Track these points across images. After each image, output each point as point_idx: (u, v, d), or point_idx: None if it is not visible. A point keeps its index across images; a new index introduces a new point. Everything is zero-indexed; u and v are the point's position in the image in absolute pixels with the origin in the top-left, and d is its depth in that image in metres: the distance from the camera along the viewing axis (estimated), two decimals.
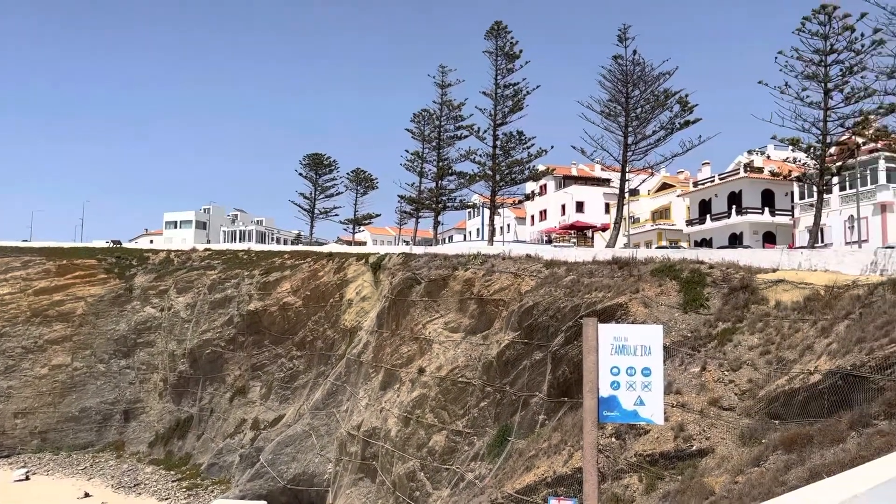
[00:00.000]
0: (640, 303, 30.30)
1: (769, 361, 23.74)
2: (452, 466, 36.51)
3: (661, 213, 71.34)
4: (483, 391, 37.08)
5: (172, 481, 65.03)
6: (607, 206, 76.59)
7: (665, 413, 24.18)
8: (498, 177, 57.44)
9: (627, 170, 49.38)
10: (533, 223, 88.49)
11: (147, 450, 73.90)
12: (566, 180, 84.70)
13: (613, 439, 24.82)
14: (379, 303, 54.23)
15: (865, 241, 41.72)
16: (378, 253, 63.63)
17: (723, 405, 23.62)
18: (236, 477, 58.18)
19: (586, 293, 33.93)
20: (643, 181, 56.25)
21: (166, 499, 61.01)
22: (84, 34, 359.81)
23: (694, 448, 22.66)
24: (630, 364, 6.06)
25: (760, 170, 54.51)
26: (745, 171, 57.68)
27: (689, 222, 63.56)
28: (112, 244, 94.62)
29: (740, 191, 57.27)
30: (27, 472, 69.70)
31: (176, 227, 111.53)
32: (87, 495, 62.52)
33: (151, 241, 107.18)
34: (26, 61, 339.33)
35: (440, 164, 66.67)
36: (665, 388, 25.47)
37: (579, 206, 79.69)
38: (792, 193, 53.33)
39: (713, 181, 61.65)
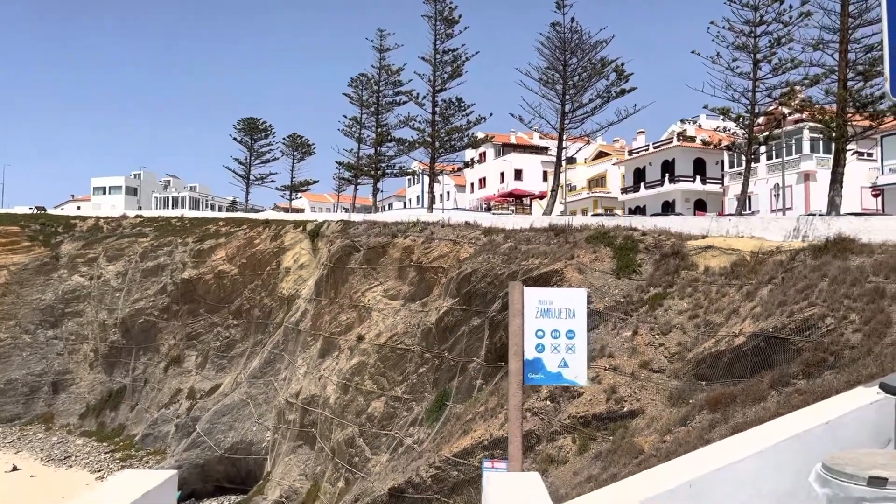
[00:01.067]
0: (575, 269, 30.87)
1: (697, 325, 24.61)
2: (391, 432, 36.80)
3: (597, 182, 72.46)
4: (422, 357, 37.34)
5: (105, 453, 63.59)
6: (545, 173, 77.31)
7: (598, 376, 24.90)
8: (437, 144, 57.21)
9: (564, 138, 49.82)
10: (472, 191, 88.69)
11: (78, 422, 71.91)
12: (505, 148, 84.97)
13: (548, 402, 25.42)
14: (317, 270, 53.75)
15: (790, 208, 43.38)
16: (316, 220, 62.83)
17: (653, 368, 24.41)
18: (172, 447, 57.31)
19: (523, 260, 34.34)
20: (580, 149, 56.96)
21: (99, 471, 59.69)
22: None
23: (625, 409, 23.42)
24: (555, 327, 6.21)
25: (693, 139, 55.85)
26: (678, 140, 58.99)
27: (624, 190, 64.78)
28: (36, 210, 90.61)
29: (673, 159, 58.58)
30: None
31: (105, 193, 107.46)
32: (15, 469, 60.59)
33: (79, 208, 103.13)
34: None
35: (379, 129, 65.90)
36: (598, 352, 26.17)
37: (518, 174, 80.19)
38: (722, 162, 54.87)
39: (647, 150, 62.84)
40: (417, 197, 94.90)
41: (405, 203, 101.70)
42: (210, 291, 67.60)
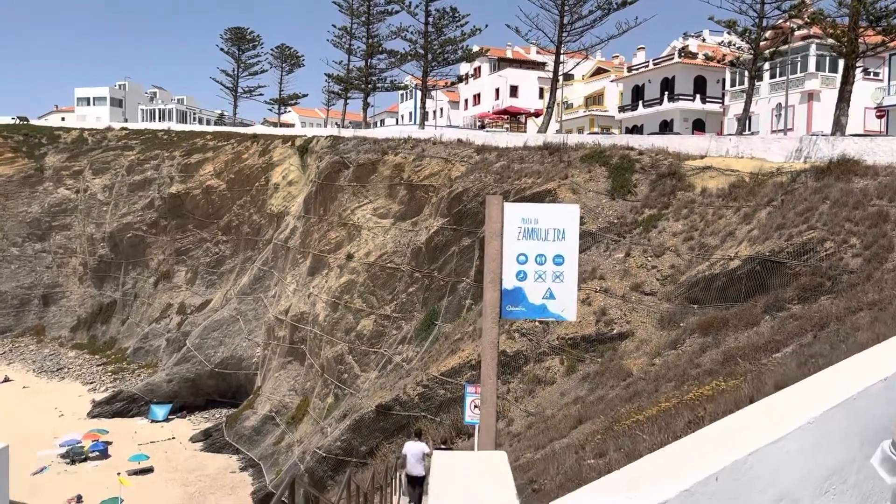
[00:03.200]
0: (569, 189, 30.06)
1: (692, 248, 24.04)
2: (380, 350, 36.76)
3: (595, 99, 70.54)
4: (411, 277, 36.92)
5: (97, 365, 64.04)
6: (542, 90, 75.18)
7: (588, 298, 24.43)
8: (430, 56, 55.09)
9: (562, 52, 47.95)
10: (467, 107, 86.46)
11: (69, 334, 72.13)
12: (501, 63, 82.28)
13: (537, 323, 25.09)
14: (306, 187, 52.70)
15: (791, 129, 42.20)
16: (305, 135, 61.26)
17: (645, 290, 23.98)
18: (163, 361, 57.66)
19: (516, 179, 33.46)
20: (577, 64, 54.95)
21: (91, 383, 60.25)
22: None
23: (615, 332, 23.10)
24: (540, 251, 5.32)
25: (694, 55, 53.89)
26: (680, 56, 56.98)
27: (622, 108, 63.10)
28: (18, 121, 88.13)
29: (673, 77, 56.74)
30: None
31: (89, 105, 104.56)
32: (7, 380, 61.05)
33: (63, 119, 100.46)
34: None
35: (369, 40, 63.37)
36: (589, 274, 25.61)
37: (513, 91, 77.95)
38: (723, 80, 53.16)
39: (647, 66, 60.84)
40: (410, 113, 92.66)
41: (397, 119, 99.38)
42: (198, 206, 66.63)
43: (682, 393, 12.23)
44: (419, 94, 60.19)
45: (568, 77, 60.24)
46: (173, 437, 47.24)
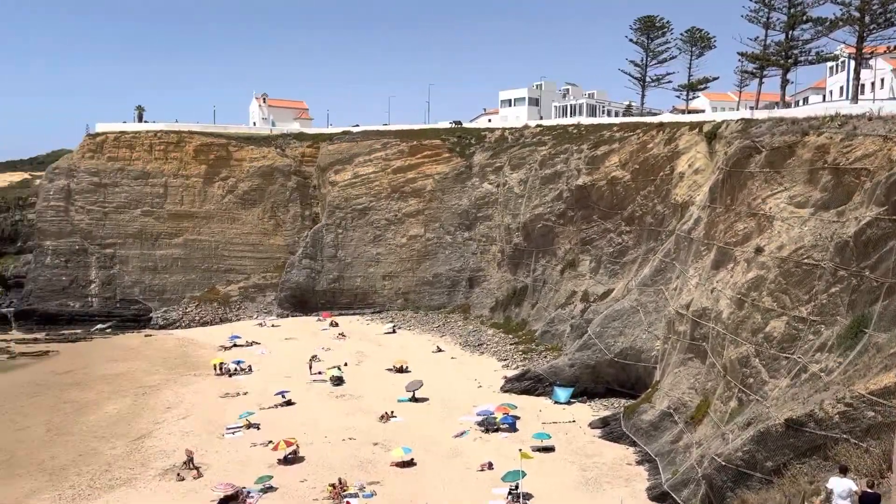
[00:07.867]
0: None
1: None
2: (793, 356, 32.75)
3: None
4: (834, 275, 32.04)
5: (510, 344, 70.10)
6: None
7: None
8: (867, 19, 47.14)
9: None
10: None
11: (488, 314, 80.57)
12: None
13: None
14: (713, 175, 49.70)
15: None
16: (714, 121, 57.85)
17: None
18: (567, 345, 60.31)
19: None
20: None
21: (505, 360, 66.10)
22: None
23: None
24: None
25: None
26: None
27: None
28: (453, 125, 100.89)
29: None
30: (394, 325, 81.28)
31: (510, 106, 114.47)
32: (439, 350, 70.66)
33: (489, 121, 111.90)
34: None
35: (792, 9, 56.88)
36: None
37: None
38: None
39: None
40: (841, 88, 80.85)
41: (824, 96, 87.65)
42: (603, 197, 68.07)
43: None
44: (852, 64, 52.06)
45: None
46: (574, 421, 49.06)
